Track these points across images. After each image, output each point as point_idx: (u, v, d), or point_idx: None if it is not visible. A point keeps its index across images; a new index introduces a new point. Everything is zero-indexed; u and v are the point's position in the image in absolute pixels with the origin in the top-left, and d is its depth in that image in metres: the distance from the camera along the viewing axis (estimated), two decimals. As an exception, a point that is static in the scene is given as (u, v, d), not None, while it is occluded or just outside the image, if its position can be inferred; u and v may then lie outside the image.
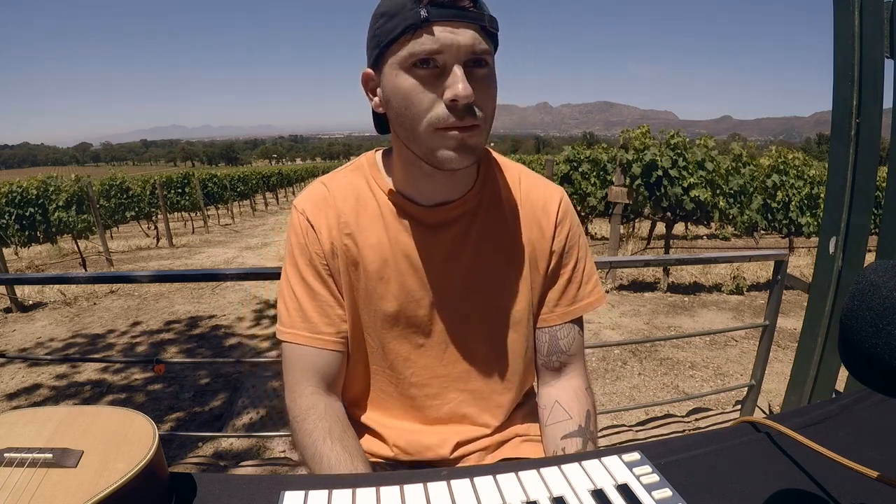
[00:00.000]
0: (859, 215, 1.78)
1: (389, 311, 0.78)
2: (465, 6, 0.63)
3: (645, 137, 6.32)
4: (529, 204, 0.81)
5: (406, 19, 0.62)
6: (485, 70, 0.66)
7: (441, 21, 0.62)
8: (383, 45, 0.65)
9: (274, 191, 23.39)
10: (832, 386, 1.98)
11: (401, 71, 0.65)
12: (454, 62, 0.63)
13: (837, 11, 1.71)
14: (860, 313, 0.37)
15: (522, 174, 0.84)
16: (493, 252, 0.80)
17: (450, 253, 0.78)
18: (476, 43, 0.64)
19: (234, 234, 12.25)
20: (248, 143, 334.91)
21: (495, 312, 0.81)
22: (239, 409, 3.19)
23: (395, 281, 0.78)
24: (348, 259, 0.78)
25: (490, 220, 0.80)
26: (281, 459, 2.43)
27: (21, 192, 7.89)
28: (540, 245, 0.81)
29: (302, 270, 0.78)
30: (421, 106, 0.65)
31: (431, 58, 0.63)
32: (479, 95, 0.65)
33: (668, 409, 2.92)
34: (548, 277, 0.83)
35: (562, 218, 0.82)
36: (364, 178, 0.80)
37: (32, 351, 4.40)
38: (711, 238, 10.73)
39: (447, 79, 0.64)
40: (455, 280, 0.79)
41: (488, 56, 0.66)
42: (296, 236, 0.79)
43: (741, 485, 0.54)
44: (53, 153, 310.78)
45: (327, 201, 0.79)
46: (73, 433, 0.54)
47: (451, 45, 0.63)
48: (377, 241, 0.77)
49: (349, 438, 0.75)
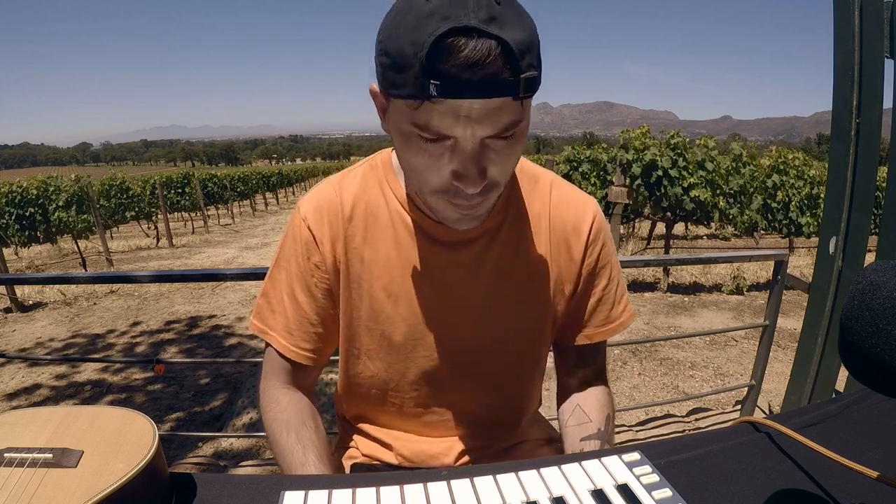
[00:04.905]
0: (859, 215, 1.78)
1: (398, 333, 0.73)
2: (494, 72, 0.48)
3: (645, 137, 6.32)
4: (560, 220, 0.74)
5: (411, 85, 0.50)
6: (510, 139, 0.55)
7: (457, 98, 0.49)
8: (387, 91, 0.55)
9: (274, 191, 23.38)
10: (832, 386, 1.97)
11: (406, 131, 0.55)
12: (468, 145, 0.53)
13: (837, 11, 1.71)
14: (860, 313, 0.37)
15: (554, 185, 0.76)
16: (515, 272, 0.73)
17: (467, 273, 0.72)
18: (503, 120, 0.52)
19: (234, 234, 12.25)
20: (248, 143, 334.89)
21: (513, 337, 0.75)
22: (239, 409, 3.19)
23: (404, 301, 0.72)
24: (352, 276, 0.72)
25: (513, 238, 0.72)
26: (281, 459, 2.43)
27: (21, 192, 7.90)
28: (567, 267, 0.74)
29: (293, 280, 0.73)
30: (426, 175, 0.57)
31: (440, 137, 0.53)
32: (496, 167, 0.56)
33: (668, 409, 2.92)
34: (575, 299, 0.77)
35: (594, 238, 0.74)
36: (378, 184, 0.72)
37: (32, 351, 4.39)
38: (711, 238, 10.73)
39: (457, 159, 0.54)
40: (471, 301, 0.73)
41: (518, 124, 0.54)
42: (293, 242, 0.73)
43: (741, 485, 0.54)
44: (53, 153, 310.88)
45: (334, 209, 0.71)
46: (73, 433, 0.54)
47: (466, 128, 0.52)
48: (386, 257, 0.71)
49: (306, 430, 0.72)
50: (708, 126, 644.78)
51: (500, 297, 0.73)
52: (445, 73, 0.48)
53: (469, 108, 0.50)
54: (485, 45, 0.47)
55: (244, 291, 5.95)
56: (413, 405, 0.78)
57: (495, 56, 0.47)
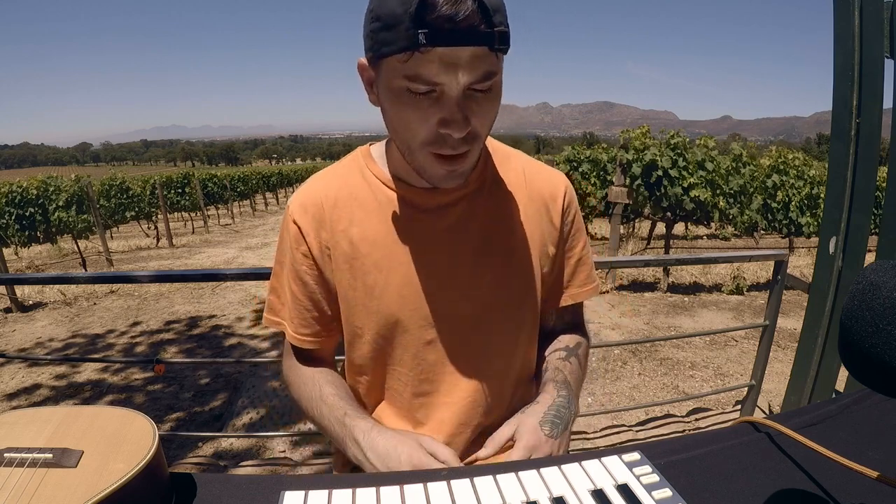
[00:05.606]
0: (859, 215, 1.78)
1: (393, 305, 0.75)
2: (474, 24, 0.56)
3: (645, 137, 6.33)
4: (536, 189, 0.81)
5: (402, 38, 0.56)
6: (488, 90, 0.62)
7: (442, 45, 0.56)
8: (378, 54, 0.61)
9: (274, 191, 23.40)
10: (832, 386, 1.98)
11: (396, 87, 0.61)
12: (453, 92, 0.59)
13: (837, 11, 1.71)
14: (860, 313, 0.37)
15: (525, 161, 0.84)
16: (500, 235, 0.77)
17: (453, 237, 0.76)
18: (482, 68, 0.59)
19: (234, 234, 12.25)
20: (248, 143, 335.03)
21: (504, 299, 0.78)
22: (239, 409, 3.19)
23: (396, 273, 0.75)
24: (343, 257, 0.76)
25: (493, 204, 0.78)
26: (281, 459, 2.43)
27: (21, 192, 7.91)
28: (549, 230, 0.81)
29: (287, 271, 0.80)
30: (415, 127, 0.63)
31: (428, 86, 0.59)
32: (477, 118, 0.63)
33: (668, 409, 2.92)
34: (558, 260, 0.83)
35: (569, 203, 0.83)
36: (359, 170, 0.79)
37: (32, 351, 4.40)
38: (711, 238, 10.73)
39: (444, 108, 0.60)
40: (461, 265, 0.76)
41: (494, 75, 0.61)
42: (284, 238, 0.80)
43: (741, 485, 0.54)
44: (53, 153, 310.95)
45: (317, 201, 0.77)
46: (73, 433, 0.54)
47: (451, 75, 0.58)
48: (374, 233, 0.75)
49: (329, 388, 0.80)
50: (708, 126, 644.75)
51: (489, 260, 0.77)
52: (432, 23, 0.55)
53: (453, 55, 0.57)
54: (464, 2, 0.55)
55: (244, 291, 5.95)
56: (417, 383, 0.79)
57: (473, 10, 0.55)
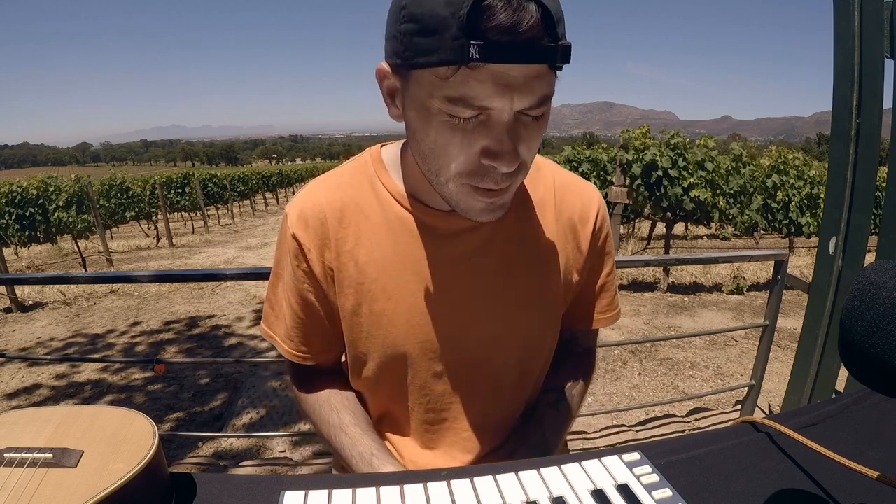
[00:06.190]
0: (859, 215, 1.78)
1: (400, 336, 0.68)
2: (536, 37, 0.45)
3: (645, 137, 6.33)
4: (566, 207, 0.72)
5: (447, 48, 0.45)
6: (540, 117, 0.52)
7: (498, 62, 0.45)
8: (409, 63, 0.50)
9: (274, 191, 23.38)
10: (832, 386, 1.98)
11: (432, 107, 0.50)
12: (505, 117, 0.49)
13: (837, 11, 1.71)
14: (860, 313, 0.37)
15: (556, 173, 0.74)
16: (522, 262, 0.69)
17: (471, 265, 0.67)
18: (539, 90, 0.49)
19: (234, 234, 12.25)
20: (248, 143, 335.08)
21: (521, 334, 0.71)
22: (239, 409, 3.20)
23: (405, 301, 0.67)
24: (347, 280, 0.68)
25: (519, 225, 0.69)
26: (281, 459, 2.43)
27: (21, 192, 7.91)
28: (574, 256, 0.72)
29: (287, 287, 0.71)
30: (453, 155, 0.53)
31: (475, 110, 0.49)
32: (524, 146, 0.53)
33: (668, 409, 2.93)
34: (581, 287, 0.75)
35: (601, 226, 0.74)
36: (368, 181, 0.69)
37: (32, 351, 4.40)
38: (711, 238, 10.73)
39: (491, 135, 0.51)
40: (477, 296, 0.68)
41: (550, 98, 0.51)
42: (283, 251, 0.70)
43: (741, 485, 0.54)
44: (53, 153, 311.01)
45: (320, 216, 0.67)
46: (73, 433, 0.54)
47: (505, 98, 0.48)
48: (382, 256, 0.66)
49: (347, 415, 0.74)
50: (708, 126, 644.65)
51: (506, 292, 0.69)
52: (488, 33, 0.44)
53: (510, 75, 0.46)
54: (527, 8, 0.44)
55: (244, 291, 5.95)
56: (422, 411, 0.73)
57: (537, 20, 0.45)
